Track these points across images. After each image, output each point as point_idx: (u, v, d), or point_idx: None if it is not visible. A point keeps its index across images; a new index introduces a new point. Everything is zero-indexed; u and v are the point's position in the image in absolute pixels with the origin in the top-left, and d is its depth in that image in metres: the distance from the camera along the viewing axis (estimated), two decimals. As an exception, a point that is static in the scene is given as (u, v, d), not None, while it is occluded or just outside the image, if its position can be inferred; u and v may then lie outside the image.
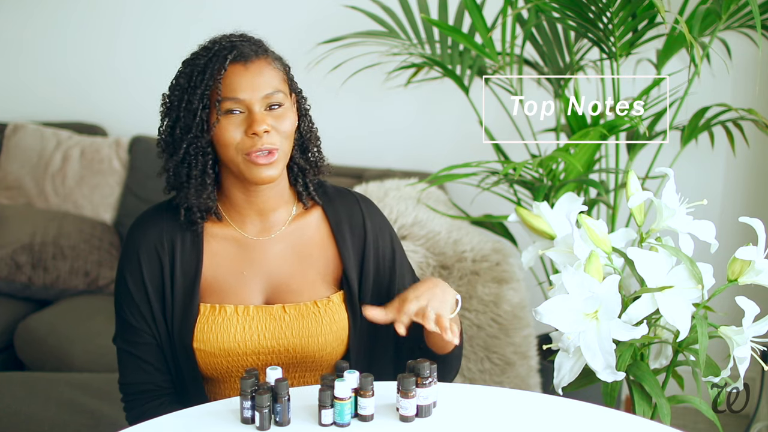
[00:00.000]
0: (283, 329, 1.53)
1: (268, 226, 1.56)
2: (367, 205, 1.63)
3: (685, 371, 1.61)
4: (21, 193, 3.23)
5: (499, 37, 2.42)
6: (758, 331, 1.48)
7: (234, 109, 1.45)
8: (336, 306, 1.56)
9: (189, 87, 1.47)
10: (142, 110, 3.36)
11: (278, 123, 1.47)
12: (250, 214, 1.55)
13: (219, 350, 1.51)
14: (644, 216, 1.61)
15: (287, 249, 1.57)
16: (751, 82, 2.78)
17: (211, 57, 1.47)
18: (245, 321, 1.52)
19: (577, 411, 1.41)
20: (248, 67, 1.46)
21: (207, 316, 1.52)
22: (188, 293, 1.52)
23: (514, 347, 2.45)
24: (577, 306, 1.45)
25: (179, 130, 1.48)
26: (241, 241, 1.56)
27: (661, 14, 1.90)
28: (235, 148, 1.45)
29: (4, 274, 2.86)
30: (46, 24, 3.39)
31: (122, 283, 1.55)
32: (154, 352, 1.55)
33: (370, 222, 1.61)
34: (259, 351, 1.53)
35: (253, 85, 1.45)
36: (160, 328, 1.53)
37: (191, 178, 1.50)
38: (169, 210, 1.56)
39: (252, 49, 1.48)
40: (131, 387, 1.57)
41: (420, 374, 1.35)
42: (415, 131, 3.20)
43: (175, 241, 1.53)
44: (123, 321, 1.55)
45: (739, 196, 2.96)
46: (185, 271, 1.53)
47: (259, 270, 1.55)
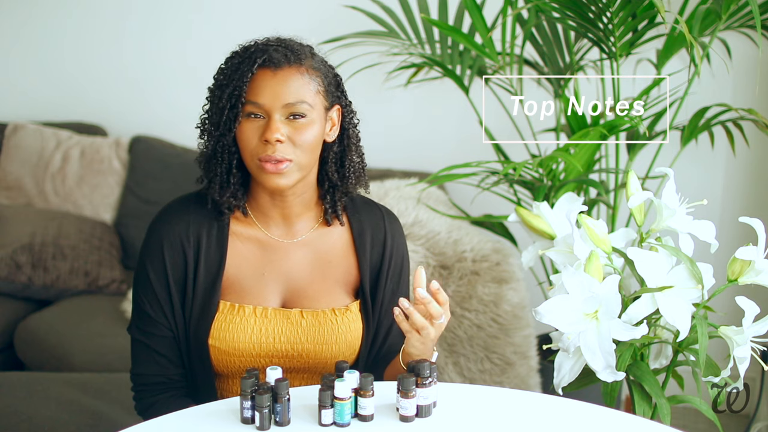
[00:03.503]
0: (299, 334, 1.53)
1: (292, 231, 1.57)
2: (391, 222, 1.64)
3: (685, 371, 1.61)
4: (21, 193, 3.23)
5: (499, 37, 2.42)
6: (758, 331, 1.48)
7: (255, 113, 1.46)
8: (353, 315, 1.57)
9: (221, 84, 1.48)
10: (142, 110, 3.37)
11: (297, 134, 1.46)
12: (275, 216, 1.56)
13: (234, 349, 1.51)
14: (644, 216, 1.61)
15: (309, 254, 1.57)
16: (751, 82, 2.78)
17: (244, 58, 1.47)
18: (263, 323, 1.52)
19: (577, 411, 1.41)
20: (276, 74, 1.46)
21: (225, 314, 1.52)
22: (209, 289, 1.52)
23: (514, 347, 2.45)
24: (577, 306, 1.45)
25: (211, 124, 1.50)
26: (264, 242, 1.56)
27: (661, 14, 1.90)
28: (251, 152, 1.46)
29: (4, 274, 2.86)
30: (46, 24, 3.39)
31: (143, 274, 1.54)
32: (169, 345, 1.55)
33: (391, 239, 1.62)
34: (273, 354, 1.53)
35: (275, 92, 1.45)
36: (177, 322, 1.53)
37: (217, 175, 1.51)
38: (196, 203, 1.56)
39: (285, 56, 1.47)
40: (143, 378, 1.57)
41: (420, 374, 1.35)
42: (415, 131, 3.20)
43: (201, 235, 1.53)
44: (140, 311, 1.55)
45: (739, 196, 2.96)
46: (208, 266, 1.53)
47: (279, 272, 1.56)
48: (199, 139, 1.54)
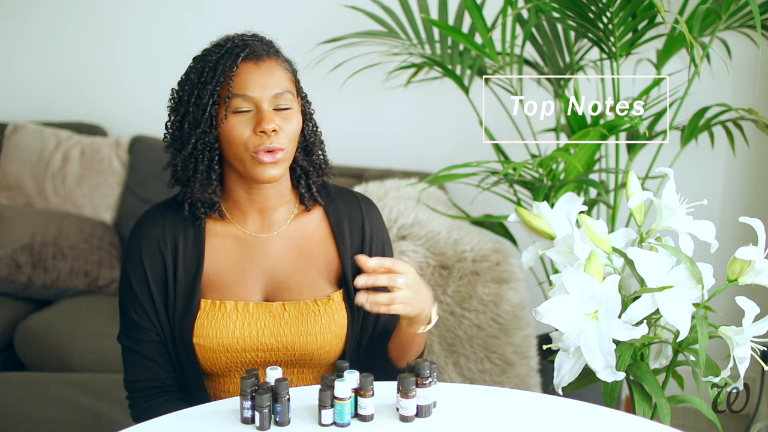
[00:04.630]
0: (283, 327, 1.53)
1: (268, 223, 1.57)
2: (368, 207, 1.64)
3: (685, 371, 1.61)
4: (21, 193, 3.23)
5: (499, 37, 2.42)
6: (758, 331, 1.48)
7: (243, 106, 1.46)
8: (336, 305, 1.57)
9: (199, 82, 1.48)
10: (142, 110, 3.37)
11: (285, 124, 1.48)
12: (251, 211, 1.56)
13: (218, 346, 1.52)
14: (644, 216, 1.61)
15: (288, 247, 1.58)
16: (751, 82, 2.78)
17: (223, 54, 1.48)
18: (245, 318, 1.52)
19: (577, 411, 1.41)
20: (260, 66, 1.48)
21: (207, 311, 1.53)
22: (189, 289, 1.53)
23: (514, 347, 2.45)
24: (577, 306, 1.45)
25: (188, 125, 1.50)
26: (242, 239, 1.56)
27: (661, 14, 1.90)
28: (244, 145, 1.46)
29: (4, 274, 2.86)
30: (45, 24, 3.39)
31: (126, 282, 1.55)
32: (158, 350, 1.56)
33: (369, 223, 1.62)
34: (258, 348, 1.53)
35: (263, 83, 1.46)
36: (163, 325, 1.54)
37: (197, 173, 1.51)
38: (171, 208, 1.57)
39: (264, 48, 1.50)
40: (135, 384, 1.57)
41: (420, 374, 1.35)
42: (415, 131, 3.20)
43: (178, 237, 1.54)
44: (127, 319, 1.56)
45: (739, 196, 2.96)
46: (187, 267, 1.54)
47: (259, 267, 1.56)
48: (169, 147, 1.54)
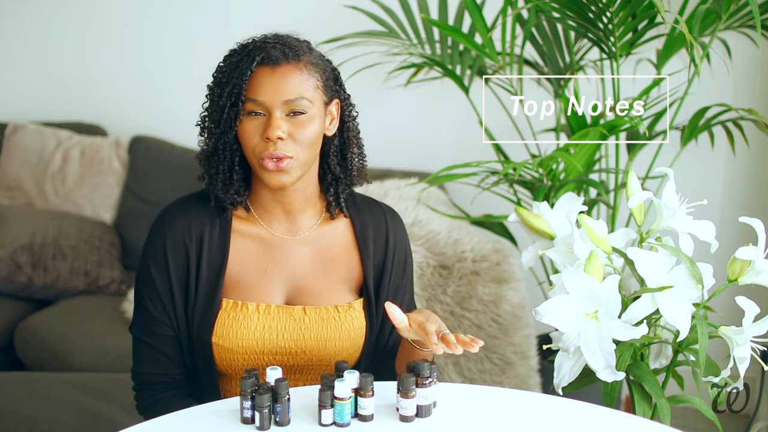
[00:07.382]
0: (303, 331, 1.53)
1: (295, 227, 1.57)
2: (393, 218, 1.65)
3: (685, 371, 1.61)
4: (21, 193, 3.23)
5: (499, 37, 2.42)
6: (758, 331, 1.48)
7: (255, 110, 1.46)
8: (356, 312, 1.57)
9: (221, 82, 1.48)
10: (142, 110, 3.37)
11: (297, 130, 1.46)
12: (277, 212, 1.56)
13: (237, 347, 1.51)
14: (644, 216, 1.61)
15: (312, 252, 1.58)
16: (751, 82, 2.78)
17: (243, 56, 1.47)
18: (266, 320, 1.52)
19: (577, 411, 1.41)
20: (275, 71, 1.46)
21: (228, 311, 1.52)
22: (212, 287, 1.53)
23: (514, 347, 2.45)
24: (577, 306, 1.45)
25: (211, 122, 1.50)
26: (267, 240, 1.56)
27: (661, 14, 1.90)
28: (252, 150, 1.47)
29: (4, 274, 2.86)
30: (46, 24, 3.40)
31: (146, 273, 1.54)
32: (172, 344, 1.55)
33: (393, 235, 1.62)
34: (276, 351, 1.53)
35: (275, 89, 1.45)
36: (180, 321, 1.53)
37: (219, 173, 1.51)
38: (198, 201, 1.56)
39: (283, 52, 1.47)
40: (144, 377, 1.57)
41: (420, 374, 1.35)
42: (415, 131, 3.20)
43: (204, 233, 1.53)
44: (143, 310, 1.55)
45: (739, 196, 2.96)
46: (211, 264, 1.53)
47: (282, 270, 1.56)
48: (200, 136, 1.54)
